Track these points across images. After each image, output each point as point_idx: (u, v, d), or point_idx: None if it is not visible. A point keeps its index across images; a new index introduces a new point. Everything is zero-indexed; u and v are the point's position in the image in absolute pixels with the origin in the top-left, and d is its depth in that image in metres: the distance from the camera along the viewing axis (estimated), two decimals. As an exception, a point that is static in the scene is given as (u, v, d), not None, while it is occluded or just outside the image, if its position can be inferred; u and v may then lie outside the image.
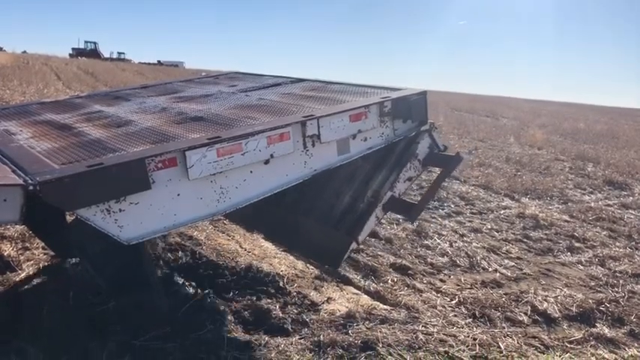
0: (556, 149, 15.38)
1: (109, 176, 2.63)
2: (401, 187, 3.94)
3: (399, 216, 6.73)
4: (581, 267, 5.62)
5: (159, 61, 71.49)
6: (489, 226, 6.75)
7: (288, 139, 3.24)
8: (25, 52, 57.29)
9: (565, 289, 4.89)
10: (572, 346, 3.86)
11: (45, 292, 3.64)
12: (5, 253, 4.19)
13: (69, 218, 3.68)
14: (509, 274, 5.16)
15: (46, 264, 4.15)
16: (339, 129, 3.48)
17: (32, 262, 4.16)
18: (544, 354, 3.71)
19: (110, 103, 4.44)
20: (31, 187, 2.46)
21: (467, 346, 3.59)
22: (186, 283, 4.09)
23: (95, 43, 69.05)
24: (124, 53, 71.39)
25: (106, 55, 68.29)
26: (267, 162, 3.18)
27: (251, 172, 3.14)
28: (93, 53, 64.39)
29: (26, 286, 3.76)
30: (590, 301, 4.60)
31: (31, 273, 3.96)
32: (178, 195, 2.87)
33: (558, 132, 22.10)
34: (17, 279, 3.82)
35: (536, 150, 15.08)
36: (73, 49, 67.22)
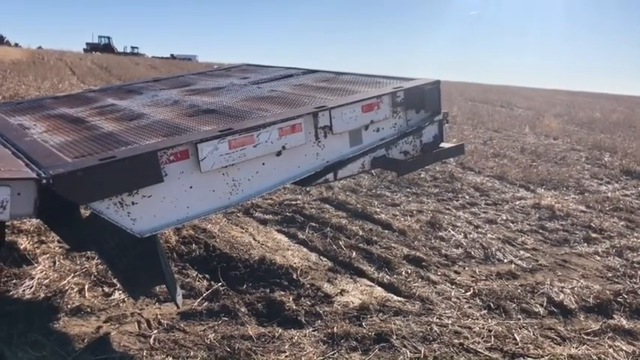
0: (572, 139, 15.18)
1: (121, 169, 2.63)
2: (394, 154, 3.72)
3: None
4: (598, 258, 5.55)
5: (172, 55, 71.64)
6: (504, 217, 6.68)
7: (300, 131, 3.22)
8: (40, 47, 57.76)
9: (582, 280, 4.82)
10: (589, 337, 3.81)
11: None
12: (21, 247, 4.23)
13: (84, 212, 3.71)
14: (524, 266, 5.10)
15: (62, 257, 4.19)
16: (351, 120, 3.45)
17: (48, 255, 4.20)
18: (560, 345, 3.67)
19: (123, 96, 4.44)
20: (44, 181, 2.47)
21: (482, 338, 3.57)
22: (200, 276, 4.10)
23: (109, 37, 69.43)
24: (137, 47, 71.71)
25: (120, 49, 68.66)
26: (279, 154, 3.16)
27: (263, 164, 3.12)
28: (107, 48, 64.73)
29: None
30: (608, 292, 4.53)
31: (46, 266, 4.00)
32: (191, 187, 2.87)
33: (574, 121, 21.82)
34: (33, 272, 3.86)
35: (552, 140, 14.90)
36: (87, 43, 67.61)
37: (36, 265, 3.99)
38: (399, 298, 4.13)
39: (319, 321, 3.61)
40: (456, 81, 60.13)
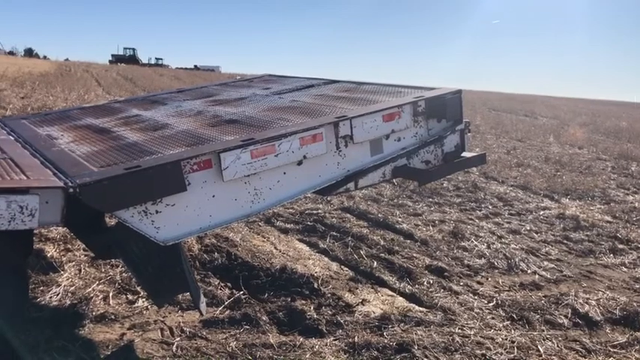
0: (597, 148, 14.96)
1: (145, 178, 2.68)
2: (415, 163, 3.72)
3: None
4: (625, 269, 5.45)
5: (195, 66, 72.57)
6: (528, 227, 6.60)
7: (321, 140, 3.24)
8: (67, 59, 59.01)
9: (607, 292, 4.74)
10: (615, 350, 3.74)
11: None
12: (48, 255, 4.32)
13: (108, 221, 3.78)
14: (548, 276, 5.03)
15: (87, 265, 4.26)
16: (372, 129, 3.46)
17: (73, 263, 4.28)
18: (585, 358, 3.61)
19: (147, 107, 4.53)
20: (71, 190, 2.52)
21: (505, 349, 3.53)
22: (222, 284, 4.13)
23: (134, 49, 70.60)
24: (161, 59, 72.79)
25: (144, 60, 69.76)
26: (300, 163, 3.18)
27: (284, 173, 3.15)
28: (132, 59, 65.84)
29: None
30: (635, 304, 4.45)
31: (72, 274, 4.07)
32: (213, 196, 2.90)
33: (599, 130, 21.51)
34: (60, 279, 3.93)
35: (577, 149, 14.70)
36: (112, 55, 68.87)
37: (62, 272, 4.07)
38: (421, 309, 4.11)
39: (340, 330, 3.60)
40: (478, 90, 59.72)
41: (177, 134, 3.42)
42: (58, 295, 3.71)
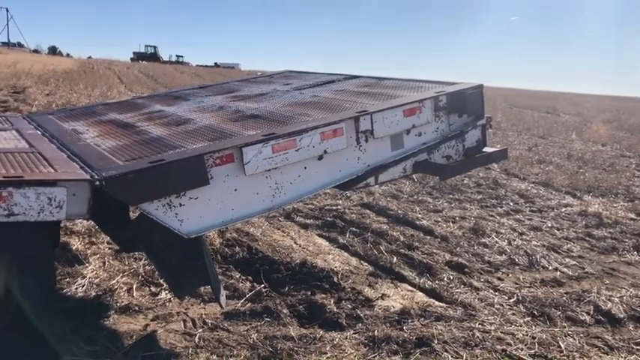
0: (621, 145, 14.74)
1: (170, 172, 2.73)
2: (436, 158, 3.71)
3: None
4: (649, 267, 5.38)
5: (215, 63, 73.01)
6: (549, 224, 6.55)
7: (341, 135, 3.26)
8: (90, 57, 59.75)
9: (631, 289, 4.69)
10: (638, 347, 3.70)
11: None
12: (73, 247, 4.40)
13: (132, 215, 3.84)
14: (570, 273, 4.99)
15: (111, 258, 4.34)
16: (393, 124, 3.47)
17: (98, 255, 4.36)
18: (608, 355, 3.58)
19: (170, 102, 4.59)
20: (97, 182, 2.59)
21: (526, 345, 3.51)
22: (243, 277, 4.18)
23: (155, 47, 71.36)
24: (182, 56, 73.51)
25: (165, 58, 70.43)
26: (320, 158, 3.21)
27: (305, 167, 3.18)
28: (153, 57, 66.53)
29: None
30: (659, 301, 4.40)
31: (96, 266, 4.15)
32: (235, 190, 2.95)
33: (624, 127, 21.18)
34: (85, 271, 4.01)
35: (600, 146, 14.50)
36: (134, 53, 69.65)
37: (87, 264, 4.14)
38: (441, 304, 4.11)
39: (360, 324, 3.62)
40: (499, 86, 59.12)
41: (199, 129, 3.47)
42: (83, 286, 3.79)
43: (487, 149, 3.94)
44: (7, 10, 63.88)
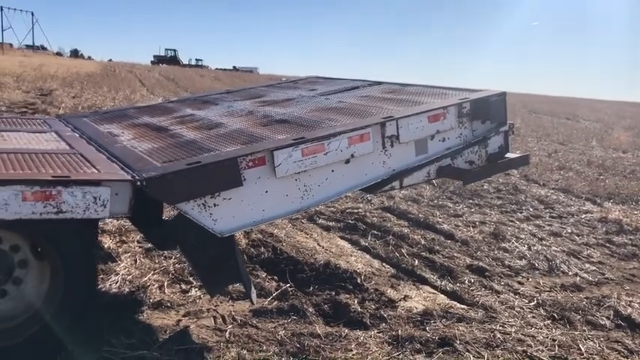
0: (643, 152, 14.65)
1: (205, 174, 2.87)
2: (459, 163, 3.82)
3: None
4: (669, 274, 5.40)
5: (234, 67, 73.65)
6: (569, 230, 6.59)
7: (368, 140, 3.38)
8: (110, 60, 60.60)
9: (651, 295, 4.73)
10: (658, 352, 3.75)
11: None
12: (106, 246, 4.57)
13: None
14: (590, 279, 5.04)
15: (142, 256, 4.50)
16: (418, 129, 3.57)
17: (129, 254, 4.52)
18: (627, 358, 3.64)
19: (200, 107, 4.74)
20: (138, 183, 2.73)
21: (546, 347, 3.59)
22: (269, 277, 4.31)
23: (175, 50, 72.16)
24: (201, 60, 74.23)
25: (185, 61, 71.16)
26: (347, 161, 3.33)
27: (332, 171, 3.30)
28: (173, 60, 67.30)
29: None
30: (679, 308, 4.43)
31: (128, 264, 4.31)
32: (266, 192, 3.07)
33: (645, 134, 20.99)
34: (117, 268, 4.17)
35: (621, 153, 14.43)
36: (154, 56, 70.54)
37: (119, 262, 4.30)
38: (462, 306, 4.19)
39: (384, 324, 3.72)
40: (518, 92, 58.74)
41: (231, 133, 3.60)
42: (117, 283, 3.94)
43: (509, 155, 4.03)
44: (33, 14, 65.16)
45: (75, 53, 74.97)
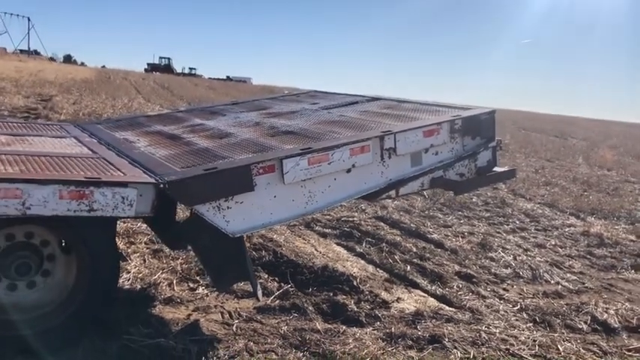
0: (627, 171, 15.09)
1: (221, 179, 3.16)
2: (451, 175, 4.11)
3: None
4: (645, 284, 5.74)
5: (228, 77, 74.00)
6: (553, 242, 6.92)
7: (368, 151, 3.69)
8: (104, 66, 60.79)
9: (627, 303, 5.04)
10: (630, 353, 4.06)
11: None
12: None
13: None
14: (571, 287, 5.36)
15: (150, 256, 4.77)
16: (413, 143, 3.89)
17: (138, 254, 4.78)
18: (602, 358, 3.94)
19: (208, 117, 5.03)
20: (161, 185, 3.02)
21: (527, 346, 3.89)
22: (271, 278, 4.59)
23: (169, 58, 72.44)
24: (195, 69, 74.58)
25: (178, 70, 71.43)
26: (349, 171, 3.63)
27: (335, 179, 3.60)
28: (167, 68, 67.55)
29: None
30: (652, 315, 4.75)
31: (138, 263, 4.57)
32: (275, 197, 3.37)
33: (630, 153, 21.52)
34: (129, 267, 4.43)
35: (606, 171, 14.87)
36: (148, 64, 70.76)
37: (130, 261, 4.56)
38: (451, 309, 4.49)
39: (378, 322, 4.01)
40: (508, 109, 59.55)
41: (241, 142, 3.90)
42: (129, 280, 4.20)
43: (497, 169, 4.36)
44: (29, 20, 65.35)
45: (68, 59, 75.10)
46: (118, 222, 4.96)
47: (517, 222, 7.83)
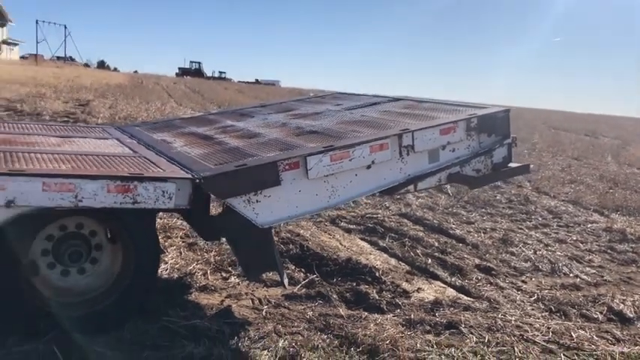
0: (657, 169, 14.96)
1: (250, 174, 3.46)
2: (467, 170, 4.33)
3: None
4: (666, 278, 5.84)
5: (257, 80, 74.79)
6: (574, 238, 7.05)
7: (387, 149, 3.94)
8: (136, 71, 62.11)
9: (644, 295, 5.18)
10: (644, 341, 4.22)
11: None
12: (153, 240, 5.18)
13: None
14: (589, 280, 5.51)
15: (185, 249, 5.11)
16: (431, 141, 4.13)
17: (174, 247, 5.13)
18: (614, 345, 4.10)
19: (238, 119, 5.36)
20: (197, 180, 3.33)
21: (541, 333, 4.08)
22: (297, 269, 4.87)
23: (199, 62, 73.58)
24: (224, 72, 75.55)
25: (209, 74, 72.52)
26: (369, 167, 3.89)
27: (356, 175, 3.86)
28: (197, 72, 68.65)
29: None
30: (669, 306, 4.88)
31: (174, 255, 4.91)
32: (299, 191, 3.65)
33: (663, 151, 21.18)
34: (166, 258, 4.77)
35: (635, 169, 14.76)
36: (179, 68, 72.06)
37: (167, 253, 4.90)
38: (469, 298, 4.70)
39: (398, 310, 4.26)
40: (539, 108, 58.74)
41: (269, 141, 4.20)
42: (167, 270, 4.54)
43: (512, 164, 4.56)
44: (65, 27, 67.36)
45: (102, 64, 76.87)
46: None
47: (539, 219, 7.97)
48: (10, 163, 3.23)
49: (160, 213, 4.77)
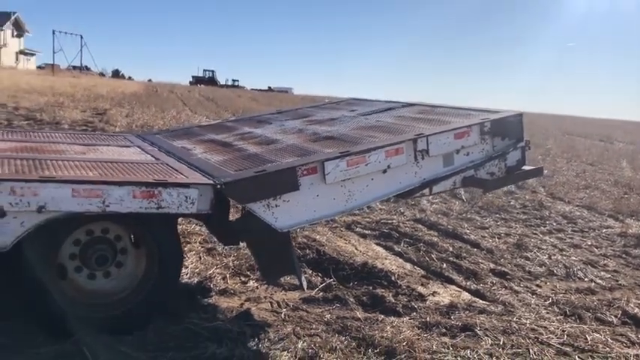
0: (673, 174, 14.85)
1: (269, 180, 3.56)
2: (481, 174, 4.37)
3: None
4: (681, 283, 5.84)
5: (269, 87, 75.23)
6: (589, 243, 7.06)
7: (402, 153, 4.02)
8: (150, 80, 62.73)
9: (660, 299, 5.20)
10: (658, 344, 4.25)
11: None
12: (173, 245, 5.29)
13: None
14: (604, 284, 5.53)
15: (204, 254, 5.22)
16: (445, 145, 4.20)
17: (194, 252, 5.24)
18: (629, 348, 4.14)
19: (256, 125, 5.47)
20: (218, 186, 3.43)
21: (556, 336, 4.13)
22: (315, 273, 4.96)
23: (213, 71, 74.19)
24: (237, 80, 76.12)
25: (222, 82, 73.08)
26: (384, 171, 3.97)
27: (372, 179, 3.95)
28: (211, 81, 69.20)
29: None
30: (684, 311, 4.89)
31: (194, 260, 5.02)
32: (317, 196, 3.73)
33: (679, 156, 21.01)
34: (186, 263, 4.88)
35: (651, 174, 14.68)
36: (193, 76, 72.69)
37: (187, 258, 5.01)
38: (484, 302, 4.75)
39: (414, 313, 4.33)
40: (553, 113, 58.42)
41: (287, 147, 4.30)
42: (187, 274, 4.64)
43: (525, 167, 4.63)
44: (82, 37, 68.21)
45: (116, 73, 77.80)
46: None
47: (554, 224, 7.99)
48: (40, 170, 3.36)
49: (179, 219, 4.89)
